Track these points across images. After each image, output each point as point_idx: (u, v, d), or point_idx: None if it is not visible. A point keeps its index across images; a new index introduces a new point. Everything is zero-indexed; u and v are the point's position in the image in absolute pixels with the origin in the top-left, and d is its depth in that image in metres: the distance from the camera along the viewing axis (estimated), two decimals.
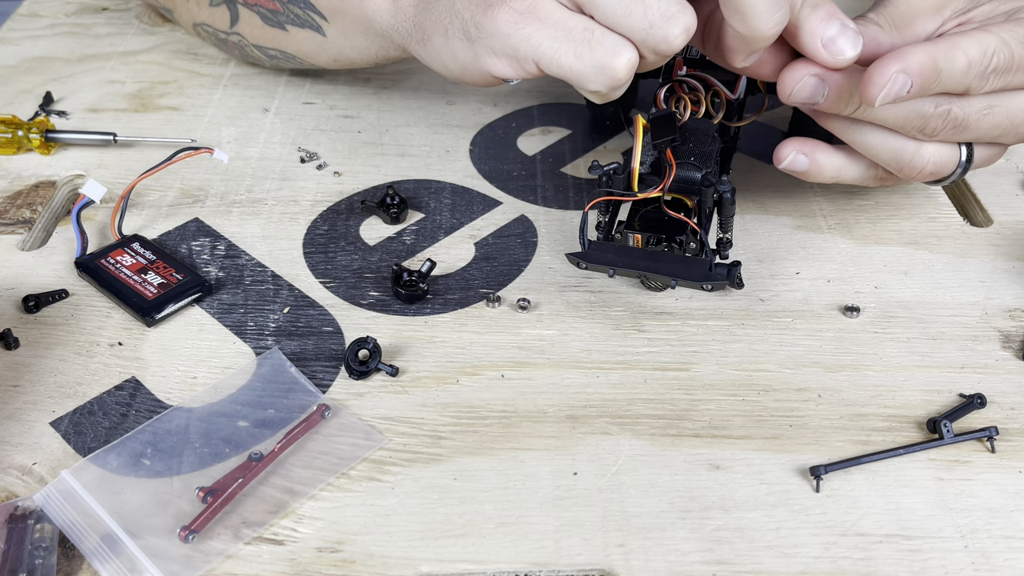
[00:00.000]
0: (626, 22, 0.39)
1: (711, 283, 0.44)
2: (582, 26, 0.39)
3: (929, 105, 0.42)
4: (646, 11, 0.38)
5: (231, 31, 0.60)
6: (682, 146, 0.45)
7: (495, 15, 0.40)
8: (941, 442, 0.40)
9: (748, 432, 0.41)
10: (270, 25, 0.57)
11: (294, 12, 0.55)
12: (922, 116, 0.42)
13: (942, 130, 0.43)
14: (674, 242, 0.44)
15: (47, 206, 0.54)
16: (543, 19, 0.40)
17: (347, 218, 0.53)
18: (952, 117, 0.42)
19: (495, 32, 0.41)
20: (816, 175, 0.45)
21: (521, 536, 0.37)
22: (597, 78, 0.39)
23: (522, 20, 0.40)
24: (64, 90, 0.63)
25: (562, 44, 0.39)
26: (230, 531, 0.37)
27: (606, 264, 0.45)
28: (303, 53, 0.58)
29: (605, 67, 0.39)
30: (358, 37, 0.53)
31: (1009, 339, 0.45)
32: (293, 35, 0.57)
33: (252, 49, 0.60)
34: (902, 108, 0.42)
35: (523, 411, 0.42)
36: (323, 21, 0.54)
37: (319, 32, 0.55)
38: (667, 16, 0.38)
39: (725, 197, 0.43)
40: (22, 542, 0.35)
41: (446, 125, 0.61)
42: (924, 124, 0.42)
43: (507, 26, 0.40)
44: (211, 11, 0.59)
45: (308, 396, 0.42)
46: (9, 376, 0.43)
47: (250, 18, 0.58)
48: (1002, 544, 0.37)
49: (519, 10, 0.40)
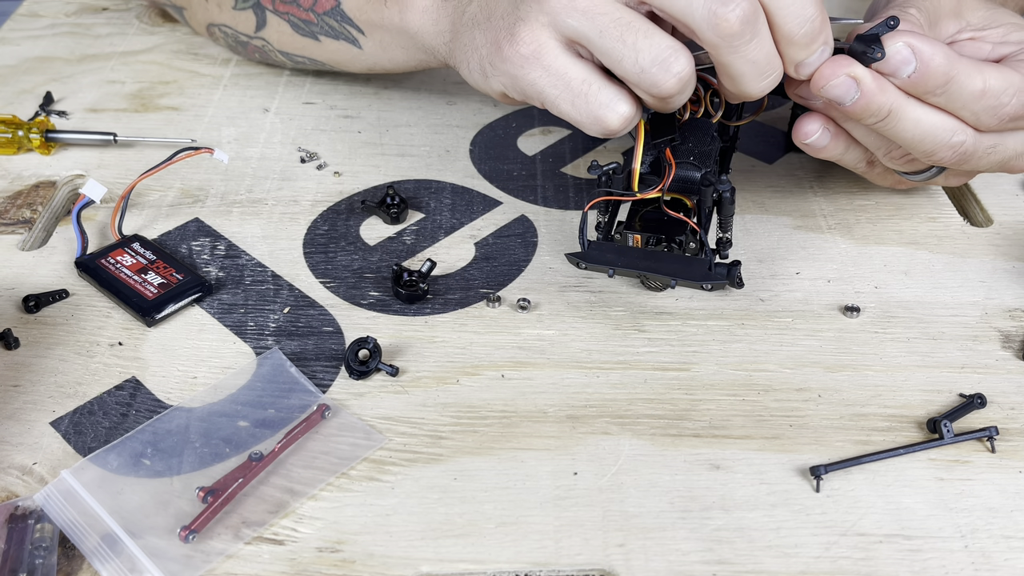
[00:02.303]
0: (619, 67, 0.40)
1: (711, 283, 0.44)
2: (581, 77, 0.40)
3: (947, 133, 0.42)
4: (637, 57, 0.39)
5: (255, 35, 0.59)
6: (681, 146, 0.45)
7: (504, 56, 0.42)
8: (941, 442, 0.40)
9: (748, 432, 0.41)
10: (301, 34, 0.57)
11: (329, 24, 0.55)
12: (936, 142, 0.42)
13: (949, 160, 0.43)
14: (674, 242, 0.44)
15: (47, 206, 0.54)
16: (546, 66, 0.41)
17: (347, 218, 0.53)
18: (963, 150, 0.43)
19: (505, 72, 0.42)
20: (831, 150, 0.46)
21: (521, 536, 0.37)
22: (592, 127, 0.41)
23: (527, 65, 0.41)
24: (64, 90, 0.63)
25: (561, 92, 0.41)
26: (230, 531, 0.37)
27: (606, 264, 0.45)
28: (335, 62, 0.58)
29: (598, 119, 0.40)
30: (396, 51, 0.54)
31: (1009, 339, 0.46)
32: (326, 45, 0.57)
33: (277, 54, 0.60)
34: (919, 128, 0.42)
35: (523, 411, 0.42)
36: (359, 34, 0.54)
37: (355, 44, 0.55)
38: (657, 61, 0.39)
39: (725, 197, 0.43)
40: (22, 542, 0.35)
41: (446, 125, 0.61)
42: (935, 151, 0.43)
43: (514, 68, 0.41)
44: (234, 14, 0.59)
45: (308, 396, 0.42)
46: (9, 376, 0.43)
47: (279, 25, 0.58)
48: (1002, 544, 0.37)
49: (525, 54, 0.41)
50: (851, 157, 0.47)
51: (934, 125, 0.42)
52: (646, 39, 0.39)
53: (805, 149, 0.46)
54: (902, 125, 0.42)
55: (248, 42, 0.60)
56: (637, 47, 0.39)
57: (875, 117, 0.42)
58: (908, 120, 0.42)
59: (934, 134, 0.42)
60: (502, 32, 0.42)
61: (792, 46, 0.40)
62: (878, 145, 0.45)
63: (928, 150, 0.43)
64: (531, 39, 0.41)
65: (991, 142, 0.44)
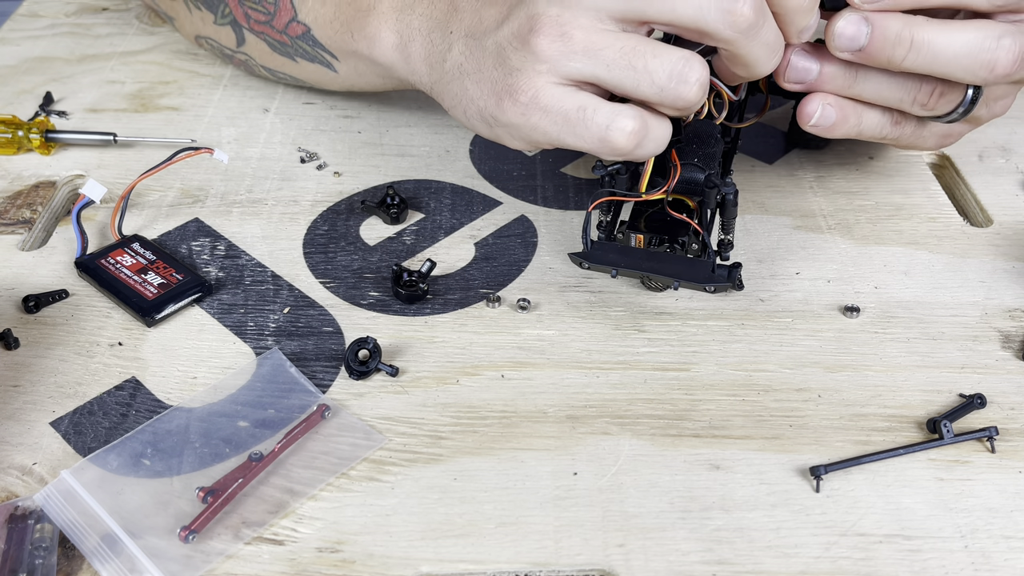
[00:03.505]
0: (637, 93, 0.39)
1: (714, 284, 0.44)
2: (576, 105, 0.40)
3: (991, 39, 0.40)
4: (653, 78, 0.39)
5: (237, 50, 0.60)
6: (685, 147, 0.45)
7: (504, 108, 0.42)
8: (941, 442, 0.40)
9: (748, 432, 0.41)
10: (278, 53, 0.57)
11: (303, 47, 0.55)
12: (981, 49, 0.40)
13: (1007, 65, 0.40)
14: (676, 243, 0.44)
15: (47, 206, 0.54)
16: (545, 108, 0.41)
17: (347, 218, 0.53)
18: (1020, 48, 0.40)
19: (508, 123, 0.42)
20: (841, 126, 0.44)
21: (521, 536, 0.37)
22: (603, 151, 0.41)
23: (527, 112, 0.41)
24: (64, 90, 0.63)
25: (562, 127, 0.41)
26: (230, 531, 0.37)
27: (608, 264, 0.45)
28: (314, 81, 0.58)
29: (604, 141, 0.40)
30: (372, 78, 0.54)
31: (1009, 339, 0.46)
32: (303, 67, 0.57)
33: (260, 68, 0.60)
34: (960, 49, 0.40)
35: (523, 411, 0.42)
36: (333, 59, 0.54)
37: (330, 68, 0.55)
38: (675, 76, 0.39)
39: (728, 199, 0.43)
40: (22, 542, 0.35)
41: (446, 125, 0.61)
42: (993, 61, 0.40)
43: (516, 119, 0.41)
44: (216, 29, 0.59)
45: (308, 396, 0.42)
46: (9, 376, 0.43)
47: (257, 43, 0.58)
48: (1002, 544, 0.37)
49: (524, 103, 0.41)
50: (871, 124, 0.45)
51: (969, 38, 0.40)
52: (655, 58, 0.39)
53: (818, 133, 0.44)
54: (936, 47, 0.40)
55: (232, 55, 0.61)
56: (649, 69, 0.39)
57: (901, 47, 0.40)
58: (939, 40, 0.40)
59: (977, 43, 0.40)
60: (500, 85, 0.42)
61: (798, 14, 0.40)
62: (904, 93, 0.43)
63: (972, 64, 0.40)
64: (528, 87, 0.41)
65: None
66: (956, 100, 0.44)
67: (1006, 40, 0.40)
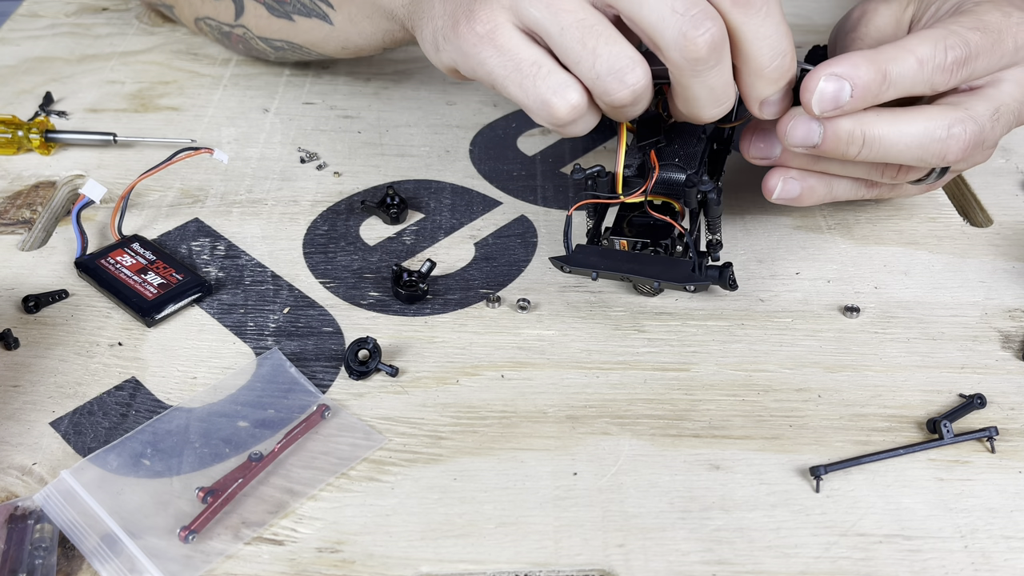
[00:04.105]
0: (575, 68, 0.39)
1: (693, 283, 0.43)
2: (532, 59, 0.40)
3: (941, 130, 0.40)
4: (595, 62, 0.38)
5: (236, 24, 0.60)
6: (667, 148, 0.45)
7: (459, 32, 0.41)
8: (941, 442, 0.40)
9: (748, 432, 0.41)
10: (276, 16, 0.57)
11: (301, 1, 0.55)
12: (932, 140, 0.41)
13: (959, 151, 0.41)
14: (659, 246, 0.44)
15: (47, 206, 0.54)
16: (499, 46, 0.40)
17: (347, 218, 0.53)
18: (966, 137, 0.41)
19: (457, 48, 0.41)
20: (809, 196, 0.45)
21: (521, 536, 0.37)
22: (539, 113, 0.40)
23: (480, 44, 0.40)
24: (64, 90, 0.63)
25: (510, 73, 0.40)
26: (230, 531, 0.37)
27: (589, 267, 0.44)
28: (310, 43, 0.58)
29: (546, 103, 0.39)
30: (364, 22, 0.54)
31: (1009, 339, 0.46)
32: (299, 24, 0.57)
33: (257, 42, 0.61)
34: (911, 141, 0.41)
35: (523, 411, 0.42)
36: (329, 9, 0.55)
37: (326, 20, 0.55)
38: (613, 71, 0.38)
39: (710, 198, 0.43)
40: (22, 542, 0.35)
41: (446, 125, 0.61)
42: (944, 151, 0.41)
43: (467, 46, 0.41)
44: (215, 5, 0.60)
45: (308, 396, 0.42)
46: (9, 376, 0.43)
47: (255, 9, 0.58)
48: (1002, 544, 0.37)
49: (479, 33, 0.40)
50: (843, 192, 0.46)
51: (919, 130, 0.41)
52: (607, 46, 0.38)
53: (787, 204, 0.46)
54: (887, 142, 0.41)
55: (231, 32, 0.61)
56: (596, 52, 0.38)
57: (854, 145, 0.41)
58: (890, 135, 0.41)
59: (927, 135, 0.40)
60: (461, 8, 0.41)
61: (761, 79, 0.40)
62: (870, 170, 0.44)
63: (924, 155, 0.41)
64: (487, 18, 0.40)
65: (984, 108, 0.41)
66: (922, 172, 0.45)
67: (956, 129, 0.41)
